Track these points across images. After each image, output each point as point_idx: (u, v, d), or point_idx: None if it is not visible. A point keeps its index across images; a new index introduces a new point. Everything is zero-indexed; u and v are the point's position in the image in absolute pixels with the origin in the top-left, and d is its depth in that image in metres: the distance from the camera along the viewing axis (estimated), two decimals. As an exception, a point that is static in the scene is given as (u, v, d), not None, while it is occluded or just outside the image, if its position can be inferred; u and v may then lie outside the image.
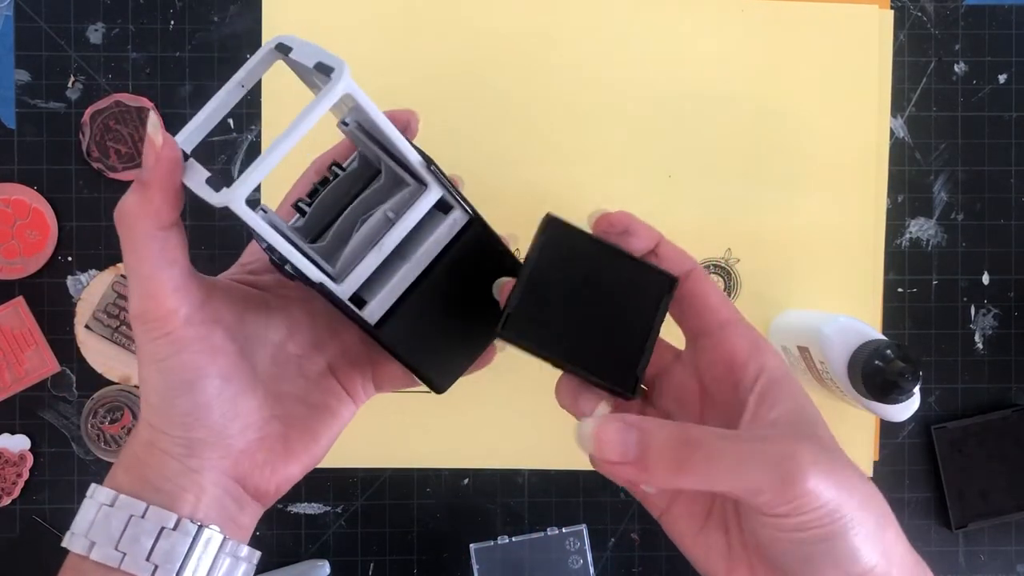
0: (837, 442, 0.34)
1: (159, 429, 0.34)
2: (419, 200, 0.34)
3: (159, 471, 0.34)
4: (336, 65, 0.31)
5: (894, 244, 0.65)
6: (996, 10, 0.65)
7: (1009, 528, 0.65)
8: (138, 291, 0.33)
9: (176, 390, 0.33)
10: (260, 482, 0.36)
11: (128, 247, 0.33)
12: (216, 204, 0.31)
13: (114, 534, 0.33)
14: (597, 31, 0.64)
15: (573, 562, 0.63)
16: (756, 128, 0.65)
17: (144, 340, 0.33)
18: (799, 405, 0.34)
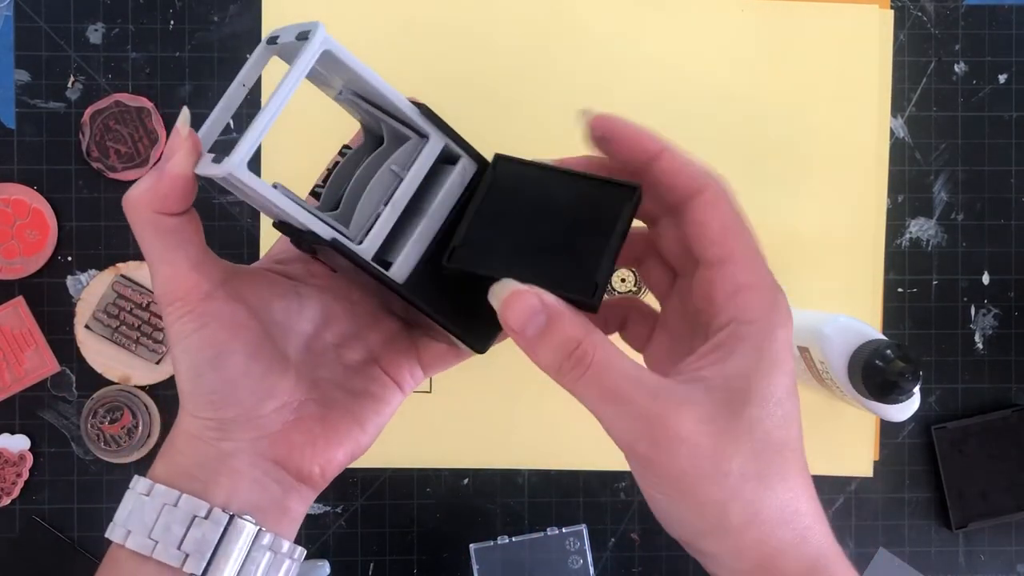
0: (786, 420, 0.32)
1: (191, 413, 0.34)
2: (423, 151, 0.34)
3: (193, 458, 0.34)
4: (311, 27, 0.31)
5: (894, 244, 0.65)
6: (996, 10, 0.65)
7: (1009, 528, 0.65)
8: (157, 274, 0.34)
9: (201, 367, 0.33)
10: (302, 464, 0.35)
11: (138, 232, 0.34)
12: (220, 174, 0.31)
13: (148, 523, 0.33)
14: (597, 31, 0.64)
15: (573, 562, 0.63)
16: (756, 128, 0.65)
17: (169, 322, 0.34)
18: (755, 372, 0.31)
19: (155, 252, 0.34)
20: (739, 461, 0.30)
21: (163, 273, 0.34)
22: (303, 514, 0.37)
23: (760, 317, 0.32)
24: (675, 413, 0.30)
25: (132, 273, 0.63)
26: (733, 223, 0.34)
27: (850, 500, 0.65)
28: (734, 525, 0.30)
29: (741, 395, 0.30)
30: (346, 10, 0.64)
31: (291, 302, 0.37)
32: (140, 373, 0.63)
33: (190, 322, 0.33)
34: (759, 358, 0.31)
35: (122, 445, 0.62)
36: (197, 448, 0.34)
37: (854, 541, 0.65)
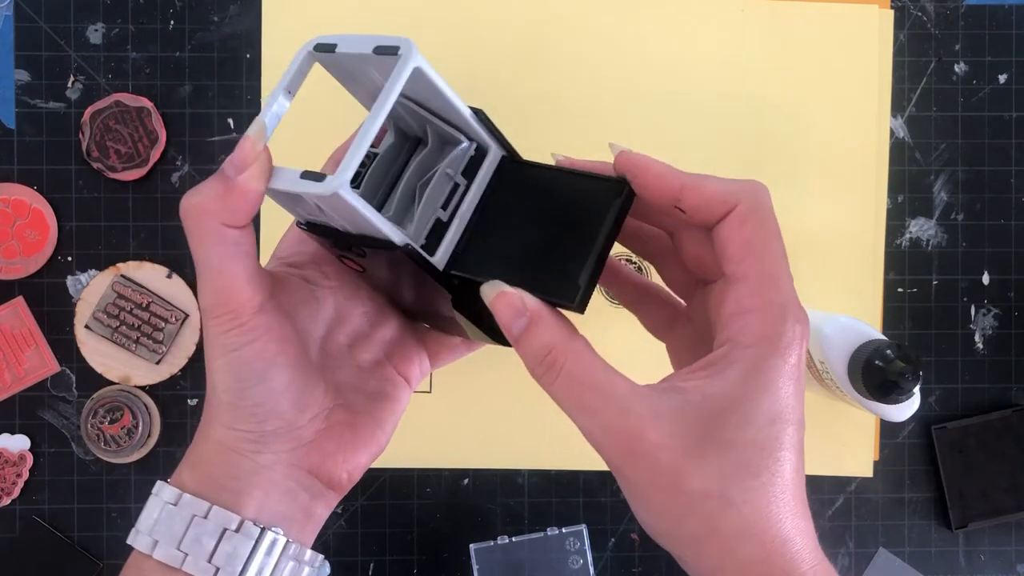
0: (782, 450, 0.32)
1: (229, 426, 0.34)
2: (485, 161, 0.34)
3: (227, 469, 0.34)
4: (401, 43, 0.31)
5: (894, 244, 0.65)
6: (996, 10, 0.65)
7: (1009, 528, 0.65)
8: (209, 284, 0.33)
9: (248, 380, 0.33)
10: (333, 470, 0.35)
11: (197, 241, 0.33)
12: (324, 193, 0.30)
13: (176, 534, 0.32)
14: (596, 31, 0.64)
15: (573, 562, 0.63)
16: (756, 128, 0.65)
17: (215, 333, 0.33)
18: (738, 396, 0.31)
19: (213, 263, 0.33)
20: (700, 479, 0.30)
21: (217, 285, 0.33)
22: (325, 519, 0.37)
23: (757, 343, 0.31)
24: (640, 428, 0.30)
25: (132, 273, 0.63)
26: (756, 242, 0.33)
27: (850, 500, 0.65)
28: (691, 535, 0.31)
29: (717, 416, 0.30)
30: (346, 10, 0.64)
31: (310, 306, 0.37)
32: (140, 373, 0.63)
33: (240, 335, 0.33)
34: (745, 383, 0.31)
35: (122, 445, 0.62)
36: (231, 460, 0.34)
37: (854, 541, 0.65)
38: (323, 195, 0.31)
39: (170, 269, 0.63)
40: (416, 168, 0.35)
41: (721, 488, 0.30)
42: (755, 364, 0.31)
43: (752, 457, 0.31)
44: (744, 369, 0.31)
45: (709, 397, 0.31)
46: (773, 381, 0.31)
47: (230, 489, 0.33)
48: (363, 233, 0.33)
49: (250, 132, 0.32)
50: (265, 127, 0.33)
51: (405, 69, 0.31)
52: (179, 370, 0.64)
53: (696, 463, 0.30)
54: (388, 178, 0.36)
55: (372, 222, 0.31)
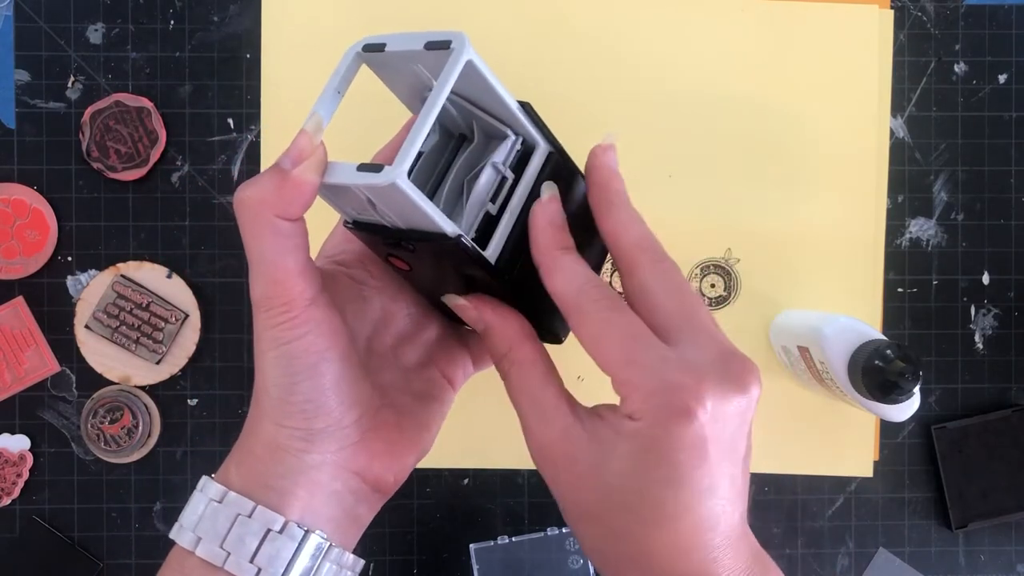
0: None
1: (278, 423, 0.33)
2: (534, 157, 0.35)
3: (274, 468, 0.33)
4: (453, 37, 0.32)
5: (894, 244, 0.65)
6: (996, 10, 0.65)
7: (1009, 528, 0.65)
8: (262, 276, 0.33)
9: (299, 375, 0.33)
10: (380, 472, 0.35)
11: (252, 233, 0.33)
12: (382, 184, 0.30)
13: (220, 531, 0.32)
14: (596, 31, 0.64)
15: (573, 562, 0.63)
16: (756, 128, 0.65)
17: (266, 326, 0.33)
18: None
19: (267, 255, 0.33)
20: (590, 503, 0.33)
21: (270, 277, 0.33)
22: (369, 520, 0.36)
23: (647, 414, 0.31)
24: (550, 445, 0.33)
25: (132, 273, 0.63)
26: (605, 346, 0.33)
27: (850, 500, 0.65)
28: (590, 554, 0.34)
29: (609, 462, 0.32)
30: (346, 10, 0.64)
31: (358, 305, 0.37)
32: (140, 373, 0.63)
33: (291, 328, 0.33)
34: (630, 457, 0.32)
35: (122, 445, 0.62)
36: (280, 458, 0.33)
37: (854, 541, 0.65)
38: (380, 186, 0.30)
39: (170, 269, 0.63)
40: (463, 163, 0.35)
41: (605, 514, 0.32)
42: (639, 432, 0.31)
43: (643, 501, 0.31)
44: (633, 435, 0.31)
45: (612, 443, 0.32)
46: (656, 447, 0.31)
47: (276, 488, 0.33)
48: (414, 227, 0.33)
49: (306, 126, 0.32)
50: (322, 121, 0.33)
51: (458, 62, 0.31)
52: (179, 370, 0.64)
53: (591, 491, 0.32)
54: (435, 174, 0.36)
55: (427, 213, 0.31)
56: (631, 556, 0.32)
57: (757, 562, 0.33)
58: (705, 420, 0.31)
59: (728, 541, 0.32)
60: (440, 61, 0.32)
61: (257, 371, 0.34)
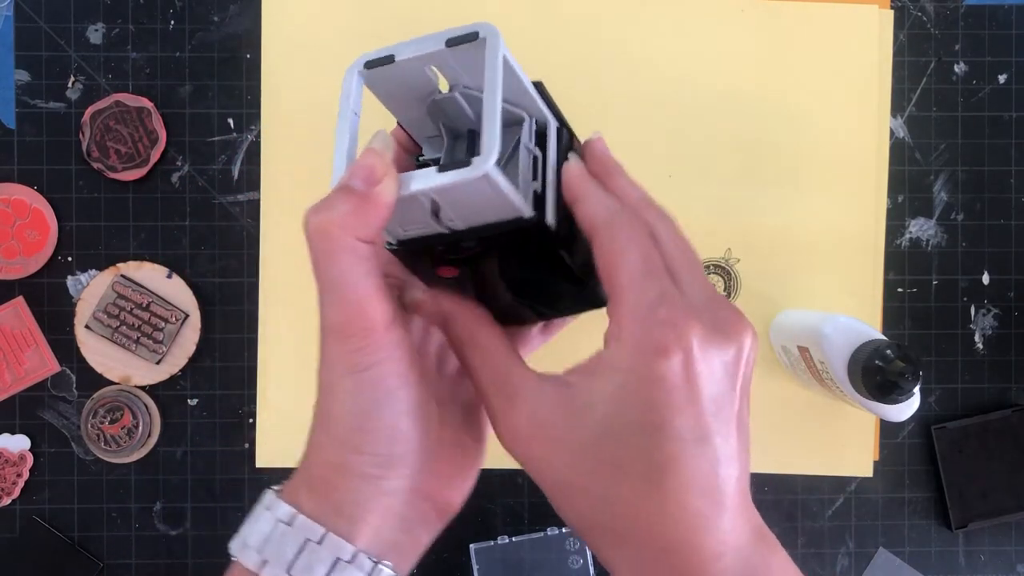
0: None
1: (354, 449, 0.32)
2: (549, 133, 0.35)
3: (347, 495, 0.32)
4: (479, 28, 0.32)
5: (894, 244, 0.65)
6: (996, 10, 0.65)
7: (1009, 528, 0.65)
8: (340, 302, 0.31)
9: (378, 401, 0.31)
10: (449, 493, 0.35)
11: (329, 258, 0.31)
12: (474, 177, 0.30)
13: (288, 556, 0.31)
14: (596, 31, 0.64)
15: (573, 562, 0.63)
16: (756, 128, 0.65)
17: (341, 353, 0.31)
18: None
19: (345, 281, 0.31)
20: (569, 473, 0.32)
21: (350, 301, 0.31)
22: (428, 545, 0.36)
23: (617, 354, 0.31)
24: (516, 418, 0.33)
25: (132, 273, 0.63)
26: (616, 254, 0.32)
27: (850, 500, 0.65)
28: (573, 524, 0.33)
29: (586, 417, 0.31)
30: (346, 9, 0.64)
31: (404, 317, 0.36)
32: (140, 373, 0.63)
33: (372, 354, 0.31)
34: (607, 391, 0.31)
35: (122, 445, 0.62)
36: (353, 485, 0.32)
37: (854, 541, 0.65)
38: (470, 180, 0.30)
39: (170, 269, 0.63)
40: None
41: (579, 479, 0.32)
42: (618, 368, 0.31)
43: (620, 455, 0.31)
44: (610, 372, 0.31)
45: (585, 393, 0.32)
46: (635, 384, 0.31)
47: (346, 515, 0.32)
48: (476, 225, 0.33)
49: (375, 144, 0.31)
50: (389, 138, 0.32)
51: (499, 48, 0.31)
52: (179, 370, 0.64)
53: (563, 456, 0.32)
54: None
55: (511, 199, 0.31)
56: (619, 526, 0.31)
57: (760, 541, 0.31)
58: (685, 361, 0.30)
59: (723, 510, 0.30)
60: (462, 56, 0.32)
61: (326, 398, 0.32)
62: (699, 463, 0.30)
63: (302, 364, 0.64)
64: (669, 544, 0.30)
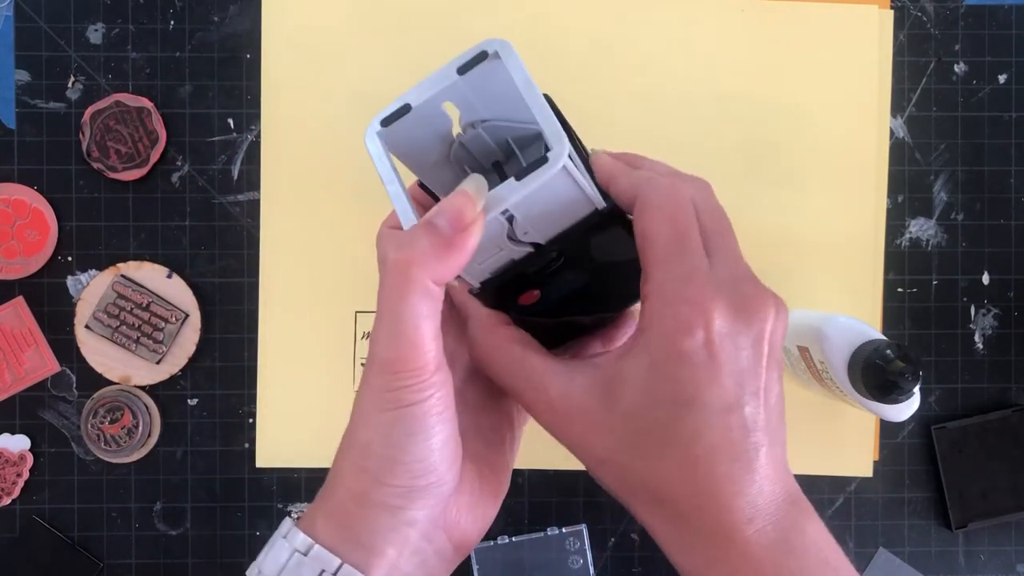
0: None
1: (378, 480, 0.32)
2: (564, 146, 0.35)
3: (367, 524, 0.32)
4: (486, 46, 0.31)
5: (894, 244, 0.65)
6: (996, 10, 0.65)
7: (1009, 528, 0.65)
8: (399, 339, 0.31)
9: (415, 435, 0.32)
10: (467, 527, 0.35)
11: (399, 295, 0.31)
12: (553, 172, 0.30)
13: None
14: (596, 31, 0.64)
15: (573, 562, 0.63)
16: (756, 128, 0.65)
17: (388, 387, 0.31)
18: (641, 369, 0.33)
19: (409, 320, 0.31)
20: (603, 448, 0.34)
21: (409, 341, 0.31)
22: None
23: (649, 327, 0.33)
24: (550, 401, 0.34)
25: (132, 273, 0.63)
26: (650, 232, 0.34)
27: (850, 500, 0.65)
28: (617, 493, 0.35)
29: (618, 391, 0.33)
30: (346, 10, 0.64)
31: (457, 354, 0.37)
32: (140, 373, 0.63)
33: (418, 391, 0.31)
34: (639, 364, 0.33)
35: (122, 445, 0.62)
36: (374, 515, 0.32)
37: (854, 541, 0.65)
38: (551, 175, 0.30)
39: (170, 269, 0.63)
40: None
41: (616, 456, 0.33)
42: (647, 347, 0.32)
43: (653, 430, 0.32)
44: (640, 352, 0.33)
45: (613, 374, 0.33)
46: (662, 363, 0.32)
47: (365, 545, 0.32)
48: (554, 235, 0.33)
49: (468, 188, 0.31)
50: (484, 185, 0.31)
51: (513, 53, 0.31)
52: (179, 370, 0.64)
53: (600, 435, 0.33)
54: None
55: (586, 189, 0.32)
56: (654, 493, 0.33)
57: (793, 506, 0.32)
58: (707, 339, 0.31)
59: (753, 476, 0.32)
60: (476, 82, 0.32)
61: (360, 427, 0.32)
62: (726, 431, 0.32)
63: (302, 364, 0.64)
64: (702, 508, 0.32)
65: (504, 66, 0.32)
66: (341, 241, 0.63)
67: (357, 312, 0.64)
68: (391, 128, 0.33)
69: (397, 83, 0.64)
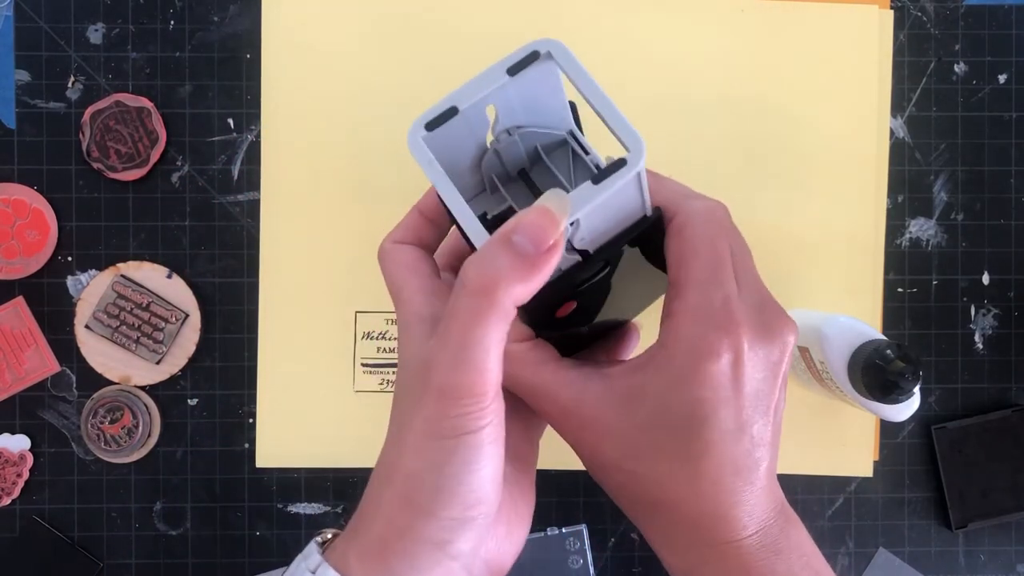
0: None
1: (428, 511, 0.30)
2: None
3: (409, 560, 0.30)
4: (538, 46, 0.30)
5: (894, 244, 0.65)
6: (996, 10, 0.65)
7: (1009, 528, 0.65)
8: (464, 364, 0.29)
9: (471, 465, 0.30)
10: (503, 556, 0.34)
11: (479, 319, 0.29)
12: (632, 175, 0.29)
13: None
14: (596, 32, 0.64)
15: (573, 562, 0.63)
16: (756, 128, 0.65)
17: (443, 414, 0.29)
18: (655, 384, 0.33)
19: (483, 345, 0.29)
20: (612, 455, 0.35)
21: (478, 366, 0.29)
22: None
23: (675, 345, 0.33)
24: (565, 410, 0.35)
25: (132, 273, 0.63)
26: (687, 252, 0.34)
27: (850, 500, 0.65)
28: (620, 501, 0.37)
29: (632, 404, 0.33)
30: (346, 10, 0.64)
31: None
32: (140, 373, 0.63)
33: (480, 419, 0.29)
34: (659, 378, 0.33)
35: (122, 445, 0.62)
36: (419, 550, 0.30)
37: (854, 541, 0.65)
38: (632, 177, 0.29)
39: (170, 269, 0.63)
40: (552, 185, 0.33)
41: (623, 463, 0.34)
42: (669, 364, 0.33)
43: (664, 442, 0.33)
44: (661, 368, 0.33)
45: (631, 387, 0.34)
46: (684, 381, 0.33)
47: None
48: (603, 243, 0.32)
49: (550, 204, 0.28)
50: (567, 201, 0.29)
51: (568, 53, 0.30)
52: (179, 370, 0.64)
53: (611, 442, 0.34)
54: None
55: (644, 196, 0.32)
56: (655, 499, 0.34)
57: (780, 515, 0.34)
58: (734, 362, 0.32)
59: (752, 488, 0.33)
60: (524, 86, 0.30)
61: (405, 455, 0.30)
62: (735, 448, 0.33)
63: (302, 364, 0.64)
64: (702, 514, 0.33)
65: (553, 68, 0.30)
66: (341, 241, 0.63)
67: (357, 312, 0.64)
68: (433, 133, 0.31)
69: (397, 84, 0.64)
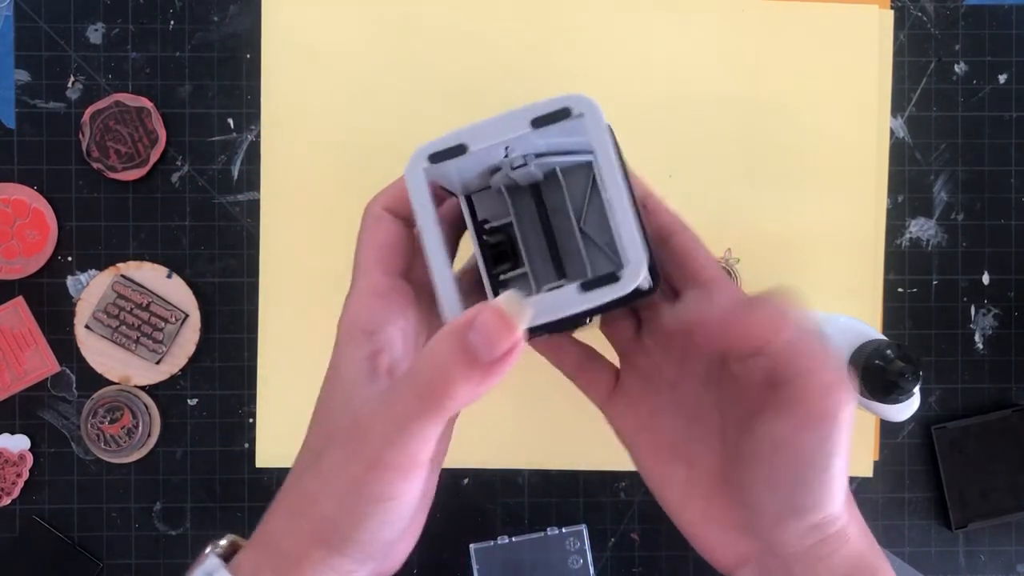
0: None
1: (339, 552, 0.31)
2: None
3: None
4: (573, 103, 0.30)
5: (894, 244, 0.65)
6: (996, 10, 0.65)
7: (1009, 528, 0.65)
8: (397, 447, 0.29)
9: (392, 524, 0.31)
10: (401, 555, 0.36)
11: (418, 412, 0.29)
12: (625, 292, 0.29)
13: None
14: (596, 32, 0.64)
15: (573, 562, 0.63)
16: (756, 128, 0.65)
17: (371, 480, 0.30)
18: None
19: (417, 434, 0.29)
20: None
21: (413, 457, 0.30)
22: None
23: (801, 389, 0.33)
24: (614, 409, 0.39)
25: (132, 273, 0.63)
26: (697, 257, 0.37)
27: (850, 500, 0.65)
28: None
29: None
30: (346, 10, 0.64)
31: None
32: (140, 373, 0.63)
33: (405, 492, 0.30)
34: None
35: (122, 445, 0.62)
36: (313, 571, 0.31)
37: (854, 541, 0.65)
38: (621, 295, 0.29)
39: (170, 269, 0.63)
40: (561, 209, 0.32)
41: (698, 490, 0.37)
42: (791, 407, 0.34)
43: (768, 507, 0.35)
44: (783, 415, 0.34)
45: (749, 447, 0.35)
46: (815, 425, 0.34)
47: None
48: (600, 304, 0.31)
49: (505, 306, 0.27)
50: (527, 308, 0.27)
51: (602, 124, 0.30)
52: (179, 370, 0.63)
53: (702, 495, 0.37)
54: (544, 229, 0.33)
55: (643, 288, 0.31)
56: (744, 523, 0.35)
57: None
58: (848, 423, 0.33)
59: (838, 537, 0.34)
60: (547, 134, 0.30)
61: (323, 497, 0.31)
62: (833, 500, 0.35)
63: (302, 364, 0.64)
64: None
65: (583, 126, 0.30)
66: (341, 241, 0.63)
67: (357, 312, 0.64)
68: (439, 166, 0.31)
69: (397, 83, 0.64)
